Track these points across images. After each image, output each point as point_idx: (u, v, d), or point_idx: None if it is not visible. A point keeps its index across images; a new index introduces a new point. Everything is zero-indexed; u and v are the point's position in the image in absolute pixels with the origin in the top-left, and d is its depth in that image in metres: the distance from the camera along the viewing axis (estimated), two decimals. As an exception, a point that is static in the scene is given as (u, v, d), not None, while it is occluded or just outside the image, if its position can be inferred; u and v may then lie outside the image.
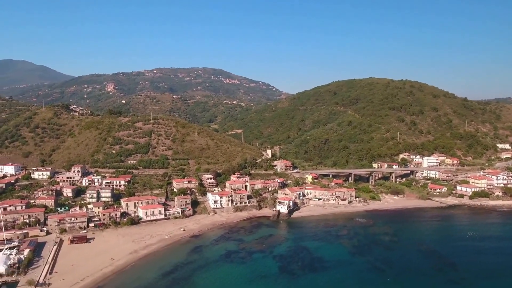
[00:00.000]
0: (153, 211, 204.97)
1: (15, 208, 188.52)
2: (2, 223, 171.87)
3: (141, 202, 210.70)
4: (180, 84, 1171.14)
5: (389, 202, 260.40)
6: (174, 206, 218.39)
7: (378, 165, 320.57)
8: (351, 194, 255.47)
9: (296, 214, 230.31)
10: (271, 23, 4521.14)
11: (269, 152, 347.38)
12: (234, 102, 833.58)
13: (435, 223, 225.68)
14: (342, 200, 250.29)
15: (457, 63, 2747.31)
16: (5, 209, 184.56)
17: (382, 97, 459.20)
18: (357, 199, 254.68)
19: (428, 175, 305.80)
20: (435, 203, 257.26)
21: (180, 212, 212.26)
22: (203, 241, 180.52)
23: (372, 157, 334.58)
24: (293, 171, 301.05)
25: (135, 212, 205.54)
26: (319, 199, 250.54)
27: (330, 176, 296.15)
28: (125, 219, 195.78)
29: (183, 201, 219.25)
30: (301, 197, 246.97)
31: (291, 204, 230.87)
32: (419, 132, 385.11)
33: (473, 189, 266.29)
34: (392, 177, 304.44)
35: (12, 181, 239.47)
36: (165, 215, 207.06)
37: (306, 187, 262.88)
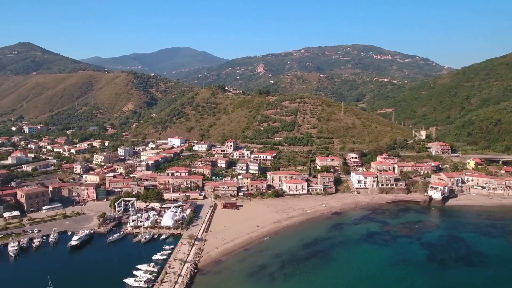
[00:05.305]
0: (296, 186, 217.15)
1: (180, 174, 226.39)
2: (171, 186, 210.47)
3: (286, 177, 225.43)
4: (328, 63, 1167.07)
5: None
6: (316, 183, 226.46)
7: None
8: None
9: (451, 201, 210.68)
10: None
11: (423, 133, 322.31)
12: (385, 80, 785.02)
13: None
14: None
15: None
16: (173, 174, 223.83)
17: None
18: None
19: None
20: None
21: (322, 189, 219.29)
22: (344, 219, 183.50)
23: None
24: (451, 155, 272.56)
25: (279, 185, 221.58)
26: (483, 187, 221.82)
27: (500, 162, 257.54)
28: (270, 191, 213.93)
29: (325, 178, 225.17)
30: (459, 184, 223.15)
31: (446, 190, 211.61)
32: None
33: None
34: None
35: (178, 151, 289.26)
36: (308, 190, 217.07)
37: (466, 173, 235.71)
